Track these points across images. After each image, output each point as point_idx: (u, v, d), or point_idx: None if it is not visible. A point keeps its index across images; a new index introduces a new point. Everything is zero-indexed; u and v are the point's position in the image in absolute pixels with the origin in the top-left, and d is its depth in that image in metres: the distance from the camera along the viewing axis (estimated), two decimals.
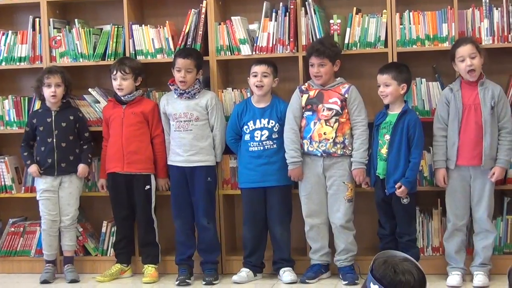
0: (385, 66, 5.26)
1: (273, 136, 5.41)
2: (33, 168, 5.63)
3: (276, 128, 5.41)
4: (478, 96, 5.05)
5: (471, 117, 5.05)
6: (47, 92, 5.60)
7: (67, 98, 5.70)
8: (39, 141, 5.67)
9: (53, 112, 5.65)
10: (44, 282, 5.60)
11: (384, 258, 2.66)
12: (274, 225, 5.45)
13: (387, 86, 5.16)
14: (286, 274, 5.37)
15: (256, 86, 5.40)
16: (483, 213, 5.10)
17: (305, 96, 5.33)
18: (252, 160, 5.43)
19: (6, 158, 5.96)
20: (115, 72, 5.53)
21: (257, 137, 5.41)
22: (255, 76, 5.40)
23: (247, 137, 5.44)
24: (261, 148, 5.41)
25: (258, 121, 5.42)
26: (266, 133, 5.41)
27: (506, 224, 5.34)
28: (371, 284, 2.63)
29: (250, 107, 5.47)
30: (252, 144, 5.42)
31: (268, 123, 5.41)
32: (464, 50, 5.05)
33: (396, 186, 5.09)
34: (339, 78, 5.36)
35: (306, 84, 5.38)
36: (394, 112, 5.18)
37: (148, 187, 5.60)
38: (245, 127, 5.45)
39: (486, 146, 5.04)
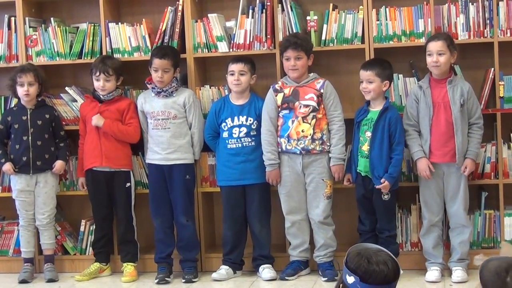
0: (369, 62, 5.24)
1: (251, 134, 5.40)
2: (7, 166, 5.58)
3: (254, 126, 5.40)
4: (447, 94, 5.06)
5: (441, 114, 5.06)
6: (20, 91, 5.55)
7: (42, 96, 5.67)
8: (13, 139, 5.62)
9: (28, 110, 5.61)
10: (23, 281, 5.57)
11: (358, 251, 2.67)
12: (253, 222, 5.45)
13: (370, 83, 5.13)
14: (266, 271, 5.37)
15: (234, 84, 5.39)
16: (459, 207, 5.11)
17: (280, 95, 5.31)
18: (230, 157, 5.42)
19: None
20: (98, 73, 5.49)
21: (235, 134, 5.40)
22: (232, 74, 5.39)
23: (225, 134, 5.43)
24: (239, 145, 5.40)
25: (236, 118, 5.41)
26: (244, 130, 5.40)
27: (484, 218, 5.35)
28: (347, 276, 2.64)
29: (228, 104, 5.46)
30: (230, 142, 5.41)
31: (246, 120, 5.40)
32: (433, 46, 5.07)
33: (381, 181, 5.09)
34: (312, 73, 5.35)
35: (280, 82, 5.36)
36: (376, 109, 5.17)
37: (128, 184, 5.58)
38: (223, 124, 5.43)
39: (459, 144, 5.04)
